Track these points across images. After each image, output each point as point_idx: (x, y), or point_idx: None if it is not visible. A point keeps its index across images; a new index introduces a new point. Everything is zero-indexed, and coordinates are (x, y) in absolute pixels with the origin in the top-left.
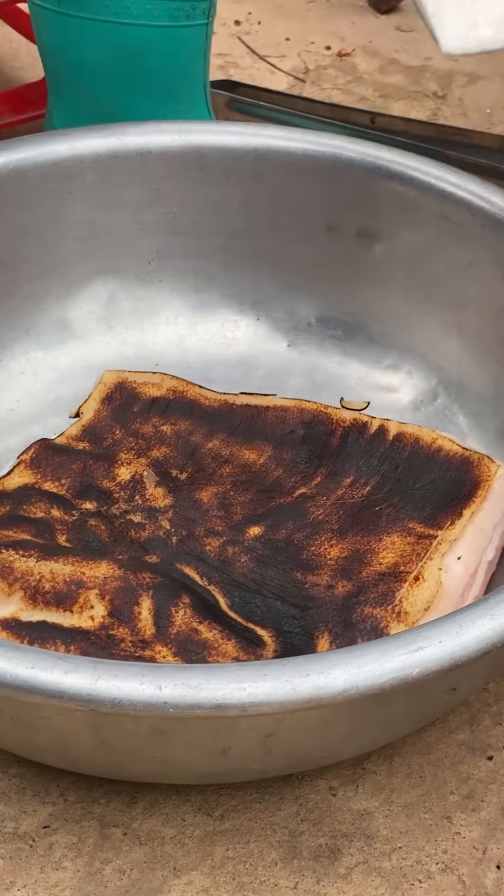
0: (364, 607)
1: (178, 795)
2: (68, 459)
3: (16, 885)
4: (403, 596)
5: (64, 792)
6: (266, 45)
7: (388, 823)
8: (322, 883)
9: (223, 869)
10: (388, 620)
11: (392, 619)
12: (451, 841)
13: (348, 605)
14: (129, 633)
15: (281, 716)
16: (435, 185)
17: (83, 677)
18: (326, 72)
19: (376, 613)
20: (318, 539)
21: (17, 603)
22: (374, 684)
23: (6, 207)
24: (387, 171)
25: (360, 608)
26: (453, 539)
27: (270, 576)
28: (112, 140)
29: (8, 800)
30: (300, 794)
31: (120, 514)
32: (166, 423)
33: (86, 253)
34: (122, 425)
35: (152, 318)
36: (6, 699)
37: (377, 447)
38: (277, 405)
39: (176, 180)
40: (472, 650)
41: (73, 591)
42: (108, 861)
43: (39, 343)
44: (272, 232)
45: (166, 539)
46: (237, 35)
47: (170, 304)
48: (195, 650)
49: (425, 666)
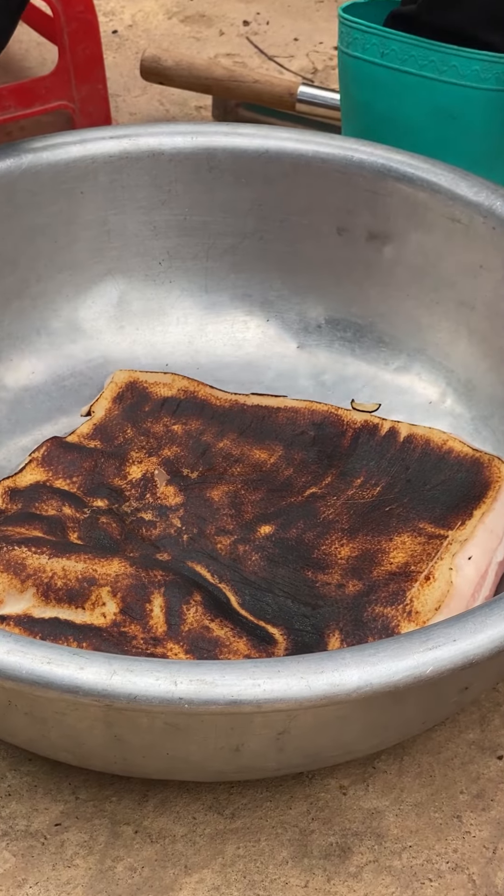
0: (375, 606)
1: (189, 794)
2: (80, 457)
3: (28, 882)
4: (414, 595)
5: (76, 790)
6: (274, 45)
7: (398, 822)
8: (333, 881)
9: (234, 867)
10: (399, 619)
11: (403, 619)
12: (461, 840)
13: (359, 604)
14: (140, 630)
15: (294, 713)
16: (445, 187)
17: (99, 673)
18: (335, 72)
19: (387, 612)
20: (329, 538)
21: (30, 599)
22: (389, 682)
23: (18, 207)
24: (397, 173)
25: (370, 607)
26: (464, 539)
27: (281, 574)
28: (124, 141)
29: (20, 797)
30: (311, 792)
31: (131, 512)
32: (177, 422)
33: (97, 253)
34: (133, 424)
35: (162, 318)
36: (21, 694)
37: (388, 448)
38: (288, 406)
39: (187, 182)
40: (485, 649)
41: (86, 588)
42: (119, 859)
43: (50, 342)
44: (282, 233)
45: (177, 537)
46: (245, 35)
47: (180, 305)
48: (207, 647)
49: (439, 664)
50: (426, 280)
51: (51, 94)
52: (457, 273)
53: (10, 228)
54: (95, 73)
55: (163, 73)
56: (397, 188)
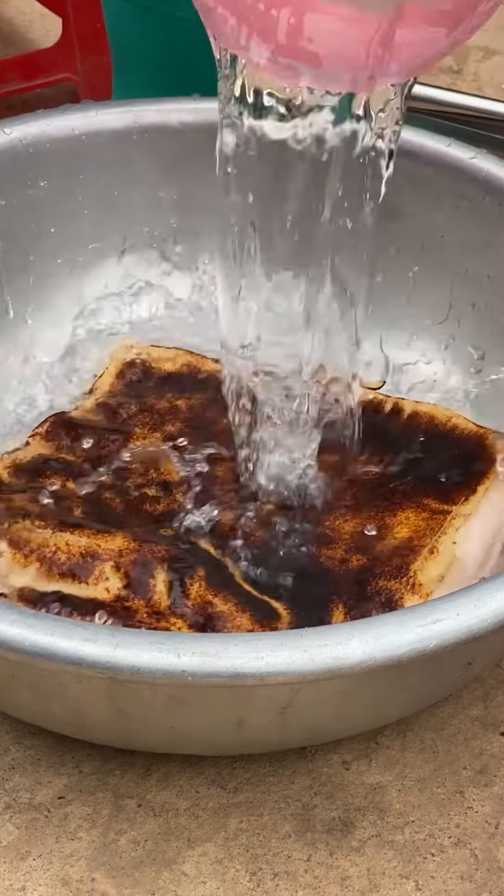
0: (378, 580)
1: (192, 768)
2: (83, 433)
3: (31, 854)
4: (418, 568)
5: (79, 764)
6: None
7: (400, 798)
8: (335, 855)
9: (237, 841)
10: (402, 592)
11: (406, 591)
12: (463, 815)
13: (363, 579)
14: (144, 604)
15: (298, 686)
16: (452, 163)
17: (102, 644)
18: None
19: (391, 586)
20: (333, 514)
21: (33, 574)
22: (392, 655)
23: (21, 182)
24: (402, 149)
25: (374, 581)
26: (468, 514)
27: (285, 549)
28: (129, 116)
29: (23, 771)
30: (313, 767)
31: (135, 487)
32: (181, 397)
33: (101, 229)
34: (137, 400)
35: (167, 294)
36: (25, 666)
37: (392, 426)
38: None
39: (192, 157)
40: (489, 623)
41: (89, 563)
42: (122, 832)
43: (54, 319)
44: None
45: (180, 512)
46: None
47: (185, 281)
48: (210, 622)
49: (443, 638)
50: (432, 258)
51: (55, 66)
52: (463, 251)
53: (14, 204)
54: (99, 45)
55: None
56: (402, 165)
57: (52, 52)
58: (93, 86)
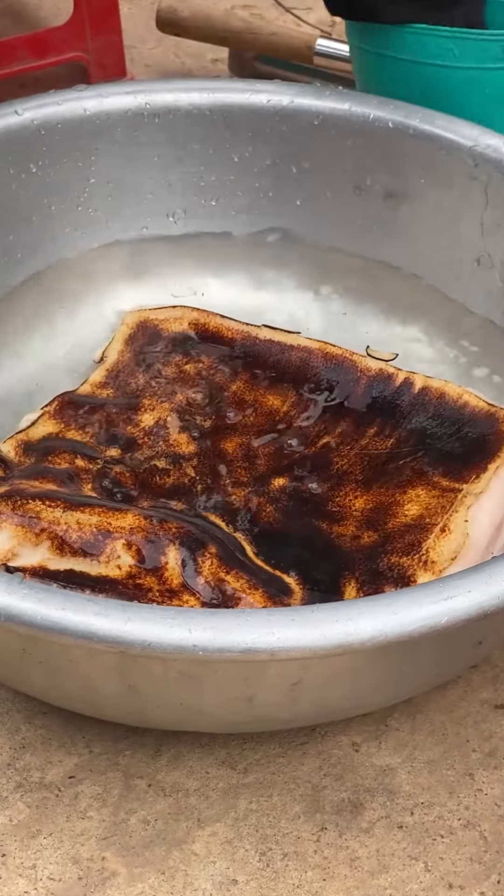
0: (391, 556)
1: (203, 749)
2: (92, 409)
3: (42, 833)
4: (430, 546)
5: (89, 743)
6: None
7: (410, 780)
8: (344, 836)
9: (246, 821)
10: (415, 569)
11: (419, 568)
12: (472, 797)
13: (375, 555)
14: (156, 582)
15: (309, 662)
16: (463, 144)
17: (113, 619)
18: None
19: (403, 562)
20: (343, 490)
21: (45, 552)
22: (403, 632)
23: (33, 163)
24: (415, 130)
25: (386, 557)
26: (478, 492)
27: (296, 526)
28: (140, 98)
29: (34, 750)
30: (323, 749)
31: (144, 460)
32: (189, 361)
33: (112, 210)
34: (145, 369)
35: (176, 275)
36: (36, 641)
37: (402, 399)
38: (301, 345)
39: (203, 139)
40: (501, 600)
41: (101, 541)
42: (132, 812)
43: (64, 301)
44: (298, 191)
45: (191, 486)
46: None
47: (194, 262)
48: (222, 599)
49: (454, 615)
50: (444, 238)
51: (65, 44)
52: (475, 231)
53: (25, 185)
54: (111, 24)
55: (179, 25)
56: (415, 146)
57: (63, 31)
58: (103, 65)
